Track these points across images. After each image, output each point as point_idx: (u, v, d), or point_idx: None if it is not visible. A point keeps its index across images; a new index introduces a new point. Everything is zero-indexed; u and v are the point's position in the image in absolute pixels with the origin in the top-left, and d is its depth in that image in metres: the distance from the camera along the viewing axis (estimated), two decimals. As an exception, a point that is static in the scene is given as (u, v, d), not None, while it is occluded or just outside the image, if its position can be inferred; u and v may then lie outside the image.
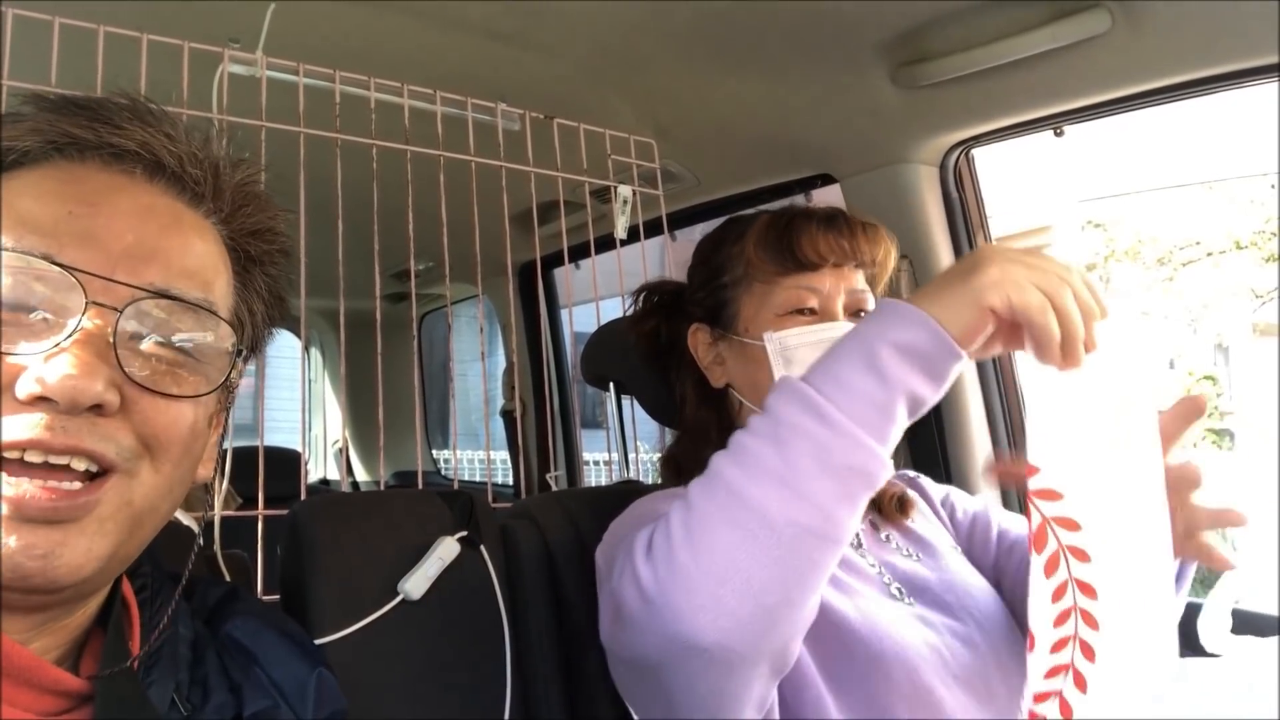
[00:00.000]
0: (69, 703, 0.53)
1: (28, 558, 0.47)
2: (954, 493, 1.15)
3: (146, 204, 0.56)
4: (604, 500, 1.13)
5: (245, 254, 0.63)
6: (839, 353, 0.70)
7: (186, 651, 0.61)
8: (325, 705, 0.65)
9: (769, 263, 1.00)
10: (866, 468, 0.67)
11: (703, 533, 0.67)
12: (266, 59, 1.27)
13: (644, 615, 0.69)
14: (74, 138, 0.55)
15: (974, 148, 1.55)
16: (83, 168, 0.55)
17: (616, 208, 1.62)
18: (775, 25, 1.33)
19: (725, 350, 1.05)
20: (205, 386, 0.56)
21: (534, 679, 1.03)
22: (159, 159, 0.57)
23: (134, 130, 0.56)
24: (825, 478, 0.66)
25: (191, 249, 0.57)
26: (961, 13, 1.26)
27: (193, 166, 0.59)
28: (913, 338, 0.67)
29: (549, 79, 1.53)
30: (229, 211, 0.61)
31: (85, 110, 0.56)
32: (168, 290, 0.54)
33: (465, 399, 5.50)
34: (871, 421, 0.67)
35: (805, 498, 0.65)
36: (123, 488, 0.51)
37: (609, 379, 1.32)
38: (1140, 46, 1.19)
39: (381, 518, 1.05)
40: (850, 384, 0.67)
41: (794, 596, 0.67)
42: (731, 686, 0.71)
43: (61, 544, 0.48)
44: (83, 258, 0.51)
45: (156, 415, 0.53)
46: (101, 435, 0.50)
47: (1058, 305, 0.66)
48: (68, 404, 0.48)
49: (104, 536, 0.51)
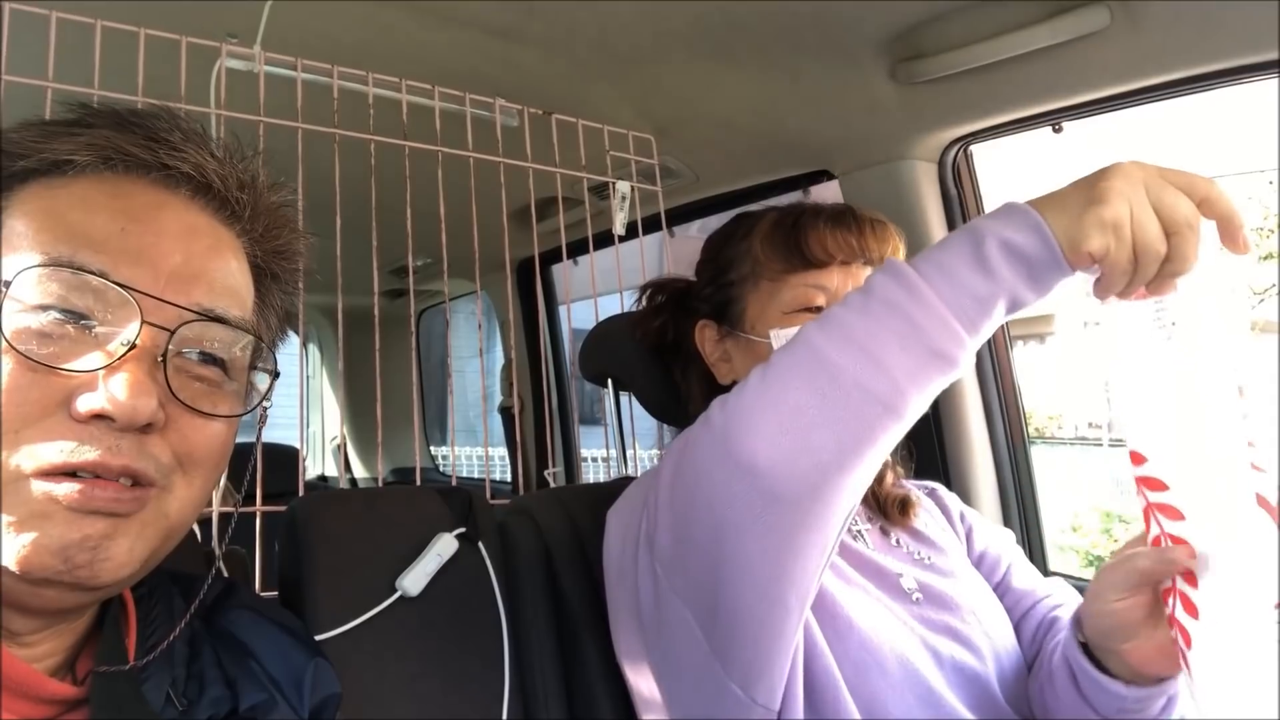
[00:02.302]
0: (63, 709, 0.53)
1: (81, 549, 0.48)
2: (976, 518, 1.13)
3: (190, 223, 0.57)
4: (602, 497, 1.13)
5: (269, 273, 0.64)
6: (948, 241, 0.70)
7: (183, 647, 0.61)
8: (320, 691, 0.65)
9: (776, 260, 0.99)
10: (950, 353, 0.67)
11: (775, 382, 0.69)
12: (264, 54, 1.26)
13: (708, 440, 0.73)
14: (129, 155, 0.56)
15: (972, 144, 1.55)
16: (130, 182, 0.56)
17: (615, 204, 1.62)
18: (774, 21, 1.32)
19: (732, 347, 1.04)
20: (239, 405, 0.58)
21: (532, 675, 1.03)
22: (208, 181, 0.58)
23: (188, 152, 0.57)
24: (906, 354, 0.66)
25: (231, 270, 0.58)
26: (960, 9, 1.26)
27: (238, 190, 0.60)
28: (1024, 241, 0.67)
29: (548, 75, 1.53)
30: (261, 233, 0.63)
31: (140, 128, 0.57)
32: (213, 311, 0.55)
33: (463, 395, 5.49)
34: (967, 312, 0.67)
35: (881, 367, 0.66)
36: (161, 501, 0.53)
37: (607, 376, 1.32)
38: (1139, 42, 1.19)
39: (379, 514, 1.05)
40: (953, 271, 0.68)
41: (846, 461, 0.68)
42: (779, 521, 0.71)
43: (109, 538, 0.49)
44: (135, 275, 0.52)
45: (194, 434, 0.54)
46: (145, 453, 0.51)
47: (1174, 252, 0.65)
48: (125, 422, 0.49)
49: (144, 541, 0.52)
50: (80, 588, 0.50)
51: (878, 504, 1.04)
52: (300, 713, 0.63)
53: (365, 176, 1.32)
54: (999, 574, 1.06)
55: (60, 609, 0.53)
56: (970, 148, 1.56)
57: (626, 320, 1.20)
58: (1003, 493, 1.56)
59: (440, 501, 1.07)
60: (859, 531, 1.00)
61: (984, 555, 1.08)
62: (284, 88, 1.29)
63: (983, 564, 1.07)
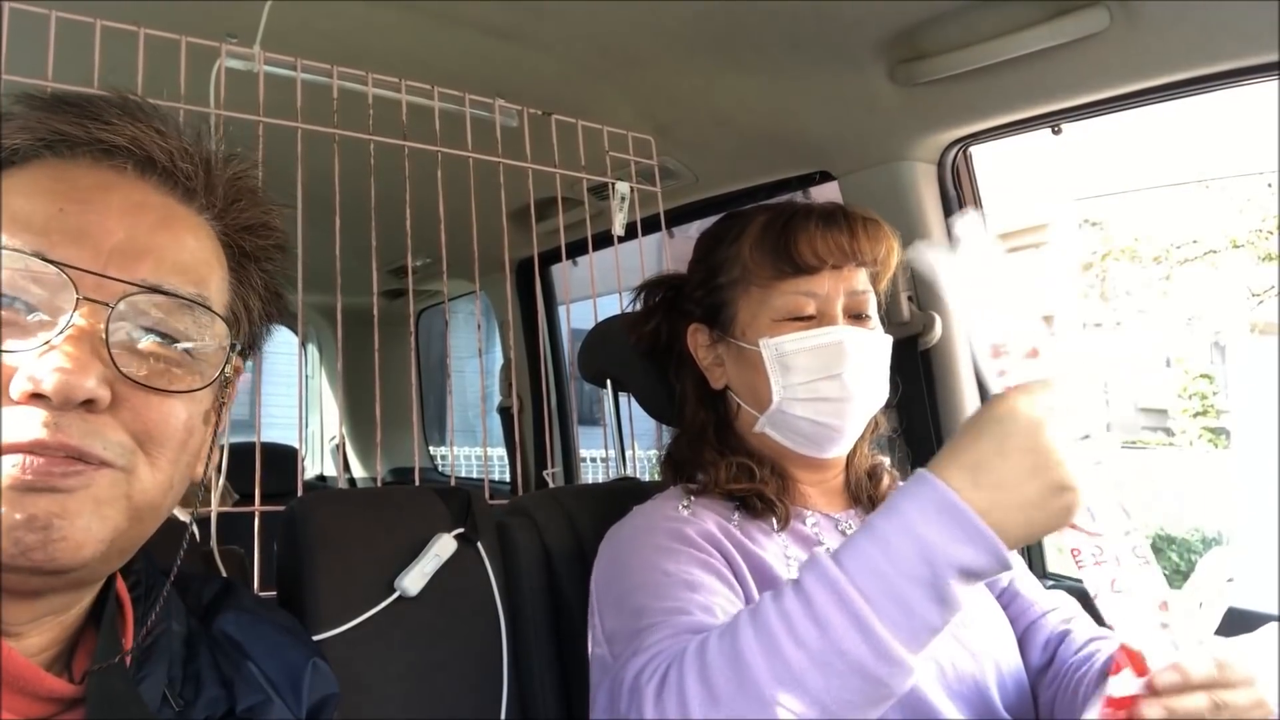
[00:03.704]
0: (60, 707, 0.53)
1: (29, 530, 0.47)
2: None
3: (138, 200, 0.56)
4: (601, 497, 1.14)
5: (240, 249, 0.63)
6: (908, 572, 0.65)
7: (179, 647, 0.61)
8: (318, 691, 0.65)
9: (766, 267, 0.98)
10: (893, 684, 0.65)
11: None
12: (264, 54, 1.26)
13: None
14: (63, 134, 0.55)
15: (972, 145, 1.55)
16: (73, 166, 0.55)
17: (614, 204, 1.62)
18: (774, 22, 1.32)
19: (723, 352, 1.04)
20: (199, 383, 0.56)
21: (530, 675, 1.03)
22: (149, 155, 0.57)
23: (123, 126, 0.56)
24: (845, 687, 0.64)
25: (184, 245, 0.57)
26: (960, 10, 1.26)
27: (184, 161, 0.58)
28: (982, 564, 0.65)
29: (547, 75, 1.53)
30: (222, 207, 0.61)
31: (74, 107, 0.56)
32: (160, 285, 0.54)
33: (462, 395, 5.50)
34: (922, 642, 0.66)
35: (819, 703, 0.64)
36: (121, 483, 0.51)
37: (606, 376, 1.32)
38: (1139, 44, 1.19)
39: (378, 514, 1.05)
40: (915, 612, 0.65)
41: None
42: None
43: (59, 516, 0.48)
44: (74, 254, 0.51)
45: (148, 411, 0.53)
46: (92, 431, 0.50)
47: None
48: (60, 400, 0.48)
49: (102, 520, 0.50)
50: (41, 571, 0.49)
51: (874, 507, 1.03)
52: (297, 713, 0.63)
53: (365, 176, 1.31)
54: (1003, 577, 1.06)
55: (35, 592, 0.52)
56: (970, 149, 1.56)
57: (625, 321, 1.20)
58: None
59: (439, 501, 1.07)
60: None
61: None
62: (283, 88, 1.28)
63: None
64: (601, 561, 0.94)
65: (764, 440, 1.02)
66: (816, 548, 0.77)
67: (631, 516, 0.97)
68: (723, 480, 0.98)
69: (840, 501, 1.04)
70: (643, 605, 0.82)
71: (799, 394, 0.96)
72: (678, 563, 0.85)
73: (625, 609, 0.84)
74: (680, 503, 0.95)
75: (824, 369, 0.96)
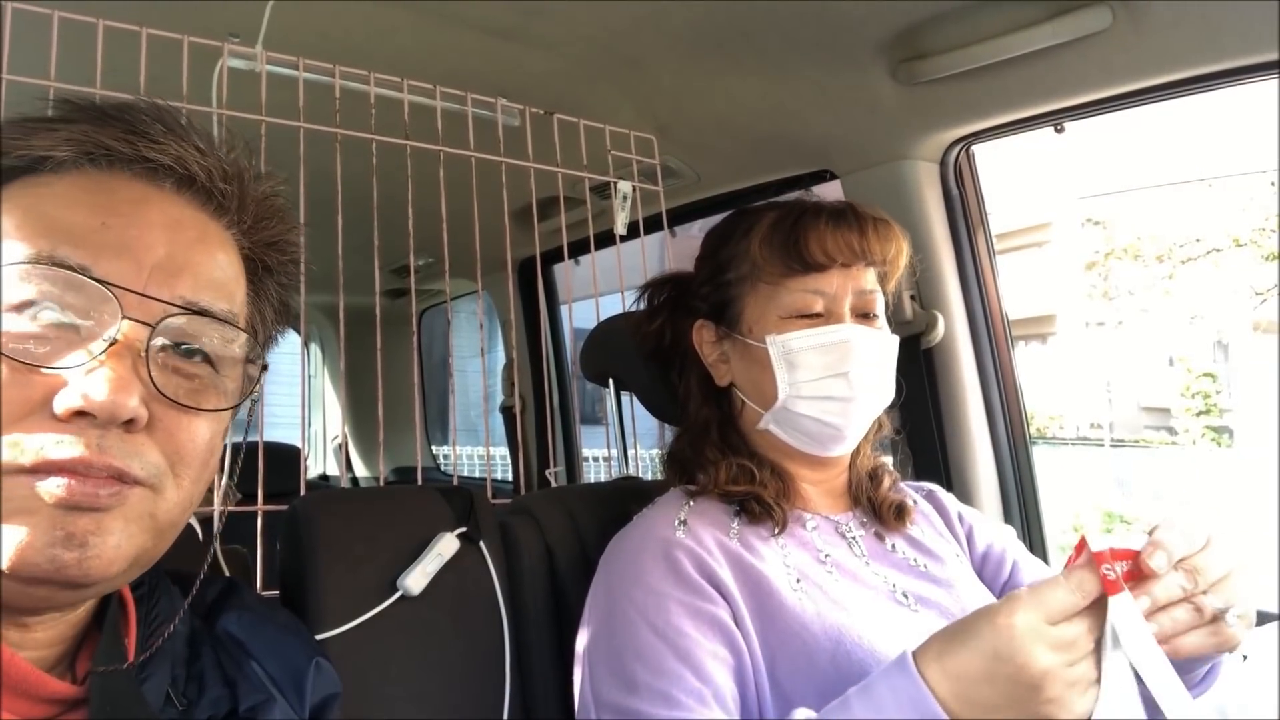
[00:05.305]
0: (62, 708, 0.53)
1: (67, 548, 0.48)
2: (976, 517, 1.12)
3: (175, 216, 0.57)
4: (603, 497, 1.14)
5: (261, 264, 0.64)
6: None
7: (182, 647, 0.61)
8: (320, 690, 0.65)
9: (774, 263, 0.97)
10: None
11: None
12: (266, 53, 1.26)
13: None
14: (109, 149, 0.55)
15: (974, 144, 1.55)
16: (112, 178, 0.56)
17: (616, 204, 1.62)
18: (776, 22, 1.32)
19: (729, 349, 1.04)
20: (224, 400, 0.57)
21: (533, 674, 1.03)
22: (191, 173, 0.58)
23: (169, 145, 0.57)
24: None
25: (217, 262, 0.58)
26: (962, 9, 1.26)
27: (222, 181, 0.59)
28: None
29: (549, 75, 1.53)
30: (250, 224, 0.62)
31: (120, 122, 0.56)
32: (198, 304, 0.55)
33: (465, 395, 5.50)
34: None
35: None
36: (149, 500, 0.52)
37: (608, 375, 1.32)
38: (1141, 43, 1.19)
39: (381, 514, 1.05)
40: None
41: None
42: None
43: (95, 532, 0.49)
44: (117, 269, 0.52)
45: (179, 431, 0.53)
46: (132, 451, 0.50)
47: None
48: (105, 418, 0.49)
49: (129, 539, 0.51)
50: (71, 585, 0.50)
51: (874, 509, 1.03)
52: (300, 713, 0.63)
53: (367, 176, 1.31)
54: (1006, 571, 1.06)
55: (52, 606, 0.52)
56: (972, 148, 1.56)
57: (627, 321, 1.19)
58: (1004, 492, 1.55)
59: (441, 501, 1.07)
60: (853, 538, 0.99)
61: (988, 554, 1.07)
62: (286, 87, 1.28)
63: (987, 562, 1.06)
64: (597, 588, 0.93)
65: (767, 438, 1.01)
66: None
67: (631, 529, 0.96)
68: (722, 481, 0.97)
69: (842, 503, 1.04)
70: (634, 677, 0.82)
71: (804, 392, 0.96)
72: (667, 617, 0.85)
73: (617, 673, 0.84)
74: (677, 517, 0.94)
75: (831, 367, 0.95)
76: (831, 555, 0.96)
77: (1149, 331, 12.22)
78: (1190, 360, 12.08)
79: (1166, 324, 11.76)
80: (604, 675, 0.86)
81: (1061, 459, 11.41)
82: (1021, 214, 12.54)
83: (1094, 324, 13.20)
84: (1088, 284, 12.41)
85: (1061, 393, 13.04)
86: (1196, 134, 9.86)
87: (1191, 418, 11.87)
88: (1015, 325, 1.26)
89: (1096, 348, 12.91)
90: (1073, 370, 13.03)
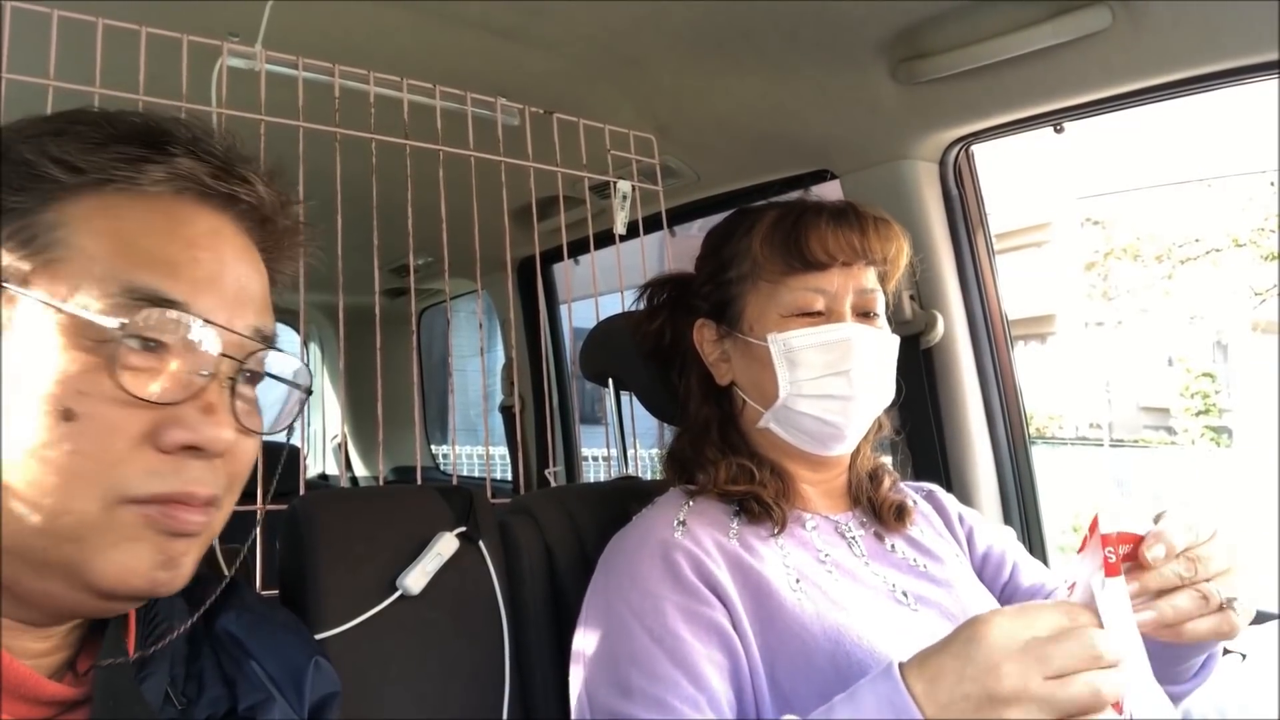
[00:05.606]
0: (60, 709, 0.53)
1: (164, 569, 0.52)
2: (977, 518, 1.12)
3: (241, 247, 0.59)
4: (603, 496, 1.14)
5: (271, 278, 0.65)
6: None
7: (182, 646, 0.61)
8: (320, 689, 0.65)
9: (776, 261, 0.98)
10: None
11: None
12: (266, 53, 1.26)
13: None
14: (205, 186, 0.56)
15: (974, 144, 1.55)
16: (183, 204, 0.56)
17: (616, 203, 1.62)
18: (775, 21, 1.32)
19: (730, 348, 1.04)
20: (262, 424, 0.60)
21: (532, 673, 1.03)
22: (265, 214, 0.60)
23: (255, 185, 0.59)
24: None
25: (264, 287, 0.60)
26: (962, 9, 1.26)
27: (280, 217, 0.62)
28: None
29: (549, 74, 1.53)
30: (278, 252, 0.64)
31: (213, 157, 0.57)
32: (263, 331, 0.57)
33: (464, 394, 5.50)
34: None
35: None
36: (217, 519, 0.56)
37: (608, 375, 1.32)
38: (1141, 43, 1.19)
39: (380, 513, 1.05)
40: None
41: None
42: None
43: (185, 554, 0.53)
44: (208, 305, 0.54)
45: (241, 454, 0.56)
46: (214, 478, 0.54)
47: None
48: (211, 453, 0.52)
49: (199, 554, 0.55)
50: (143, 598, 0.53)
51: (874, 510, 1.03)
52: (299, 712, 0.63)
53: (366, 175, 1.32)
54: (1005, 573, 1.06)
55: (89, 614, 0.55)
56: (972, 148, 1.56)
57: (627, 320, 1.19)
58: (1003, 492, 1.55)
59: (441, 500, 1.08)
60: (853, 538, 0.99)
61: (988, 555, 1.07)
62: (285, 86, 1.28)
63: (987, 564, 1.07)
64: (595, 590, 0.93)
65: (767, 437, 1.01)
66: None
67: (630, 529, 0.96)
68: (722, 480, 0.97)
69: (841, 503, 1.04)
70: (629, 681, 0.82)
71: (805, 390, 0.96)
72: (663, 621, 0.84)
73: (613, 677, 0.84)
74: (676, 517, 0.94)
75: (831, 366, 0.96)
76: (831, 555, 0.96)
77: (1148, 331, 12.22)
78: (1189, 360, 12.08)
79: (1166, 324, 11.77)
80: (599, 679, 0.86)
81: (1061, 459, 11.42)
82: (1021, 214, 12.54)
83: (1093, 324, 13.21)
84: (1087, 284, 12.42)
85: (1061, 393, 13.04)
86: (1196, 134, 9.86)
87: (1191, 418, 11.88)
88: (1015, 325, 1.25)
89: (1096, 348, 12.92)
90: (1072, 370, 13.03)
